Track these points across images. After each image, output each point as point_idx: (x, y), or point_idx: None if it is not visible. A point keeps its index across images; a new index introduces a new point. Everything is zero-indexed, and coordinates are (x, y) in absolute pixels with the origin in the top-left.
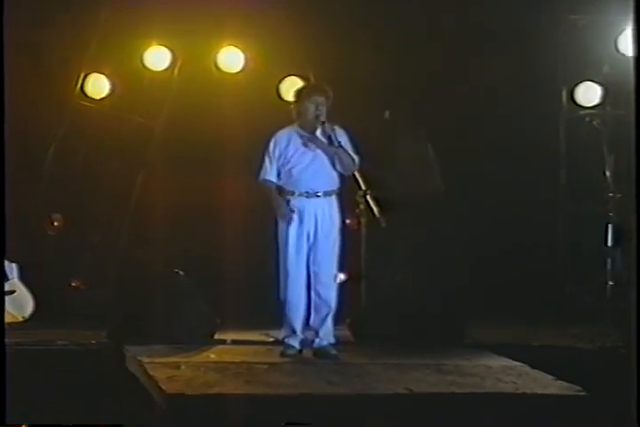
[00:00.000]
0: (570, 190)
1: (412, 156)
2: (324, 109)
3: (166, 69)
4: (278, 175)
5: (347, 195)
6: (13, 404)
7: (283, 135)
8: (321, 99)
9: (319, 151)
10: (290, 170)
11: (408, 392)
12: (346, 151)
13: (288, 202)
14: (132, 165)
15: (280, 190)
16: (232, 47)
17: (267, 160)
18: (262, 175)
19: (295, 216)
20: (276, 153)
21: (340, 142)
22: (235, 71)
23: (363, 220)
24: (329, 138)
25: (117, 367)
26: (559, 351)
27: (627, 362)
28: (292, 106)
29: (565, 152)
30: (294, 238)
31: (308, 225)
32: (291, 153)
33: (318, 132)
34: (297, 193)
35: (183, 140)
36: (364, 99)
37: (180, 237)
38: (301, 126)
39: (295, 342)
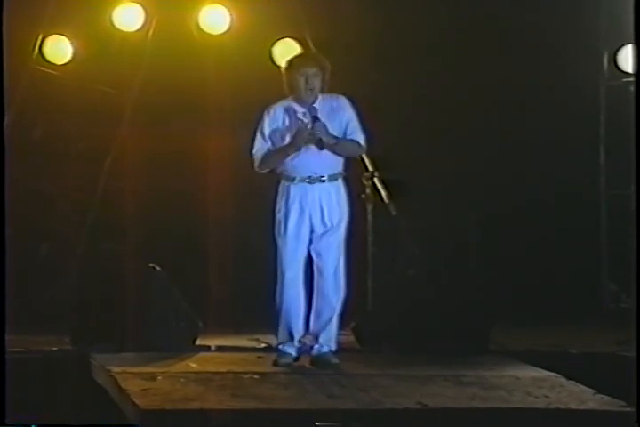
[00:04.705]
0: (610, 171)
1: None
2: (317, 83)
3: (139, 30)
4: None
5: (350, 177)
6: None
7: (277, 109)
8: (312, 70)
9: None
10: None
11: (422, 407)
12: (353, 133)
13: (288, 189)
14: (100, 142)
15: (278, 176)
16: (216, 4)
17: (259, 137)
18: (255, 151)
19: (296, 204)
20: (270, 129)
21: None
22: (219, 32)
23: (369, 206)
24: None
25: (82, 378)
26: (600, 360)
27: None
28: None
29: (605, 126)
30: (294, 230)
31: (313, 214)
32: (288, 132)
33: (317, 105)
34: (298, 178)
35: (159, 115)
36: (371, 64)
37: (156, 225)
38: (296, 101)
39: (291, 349)
